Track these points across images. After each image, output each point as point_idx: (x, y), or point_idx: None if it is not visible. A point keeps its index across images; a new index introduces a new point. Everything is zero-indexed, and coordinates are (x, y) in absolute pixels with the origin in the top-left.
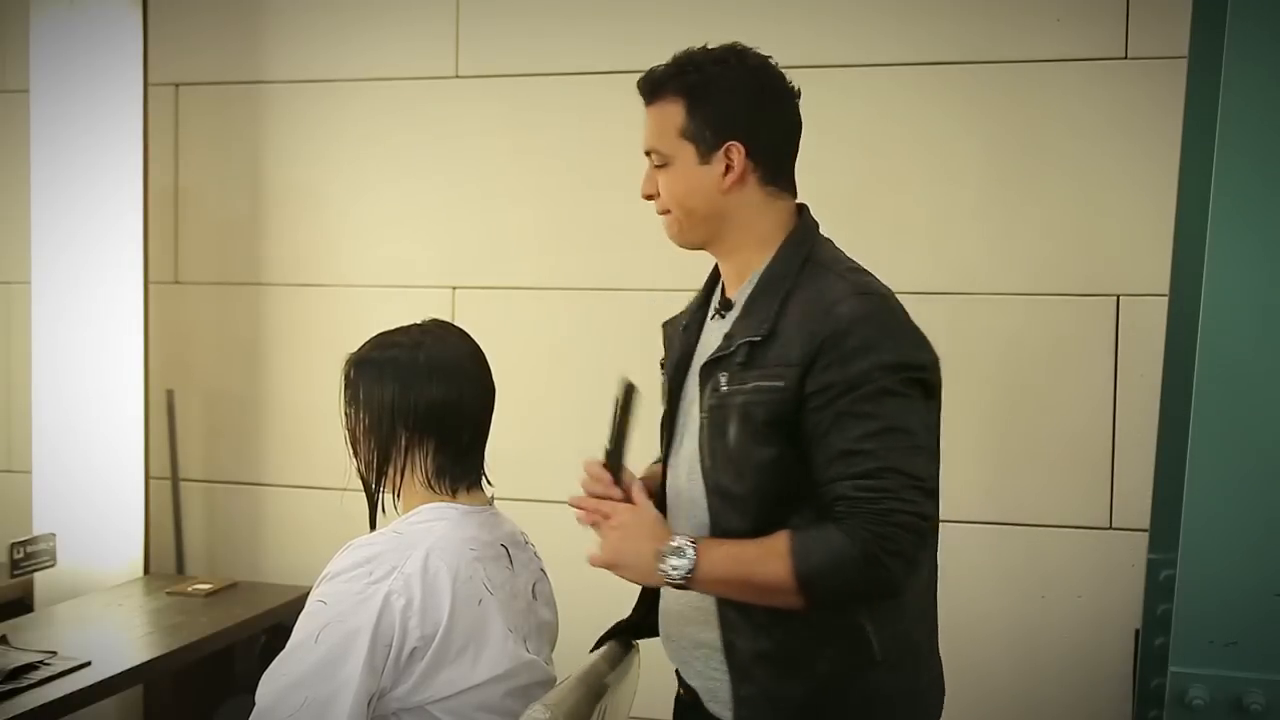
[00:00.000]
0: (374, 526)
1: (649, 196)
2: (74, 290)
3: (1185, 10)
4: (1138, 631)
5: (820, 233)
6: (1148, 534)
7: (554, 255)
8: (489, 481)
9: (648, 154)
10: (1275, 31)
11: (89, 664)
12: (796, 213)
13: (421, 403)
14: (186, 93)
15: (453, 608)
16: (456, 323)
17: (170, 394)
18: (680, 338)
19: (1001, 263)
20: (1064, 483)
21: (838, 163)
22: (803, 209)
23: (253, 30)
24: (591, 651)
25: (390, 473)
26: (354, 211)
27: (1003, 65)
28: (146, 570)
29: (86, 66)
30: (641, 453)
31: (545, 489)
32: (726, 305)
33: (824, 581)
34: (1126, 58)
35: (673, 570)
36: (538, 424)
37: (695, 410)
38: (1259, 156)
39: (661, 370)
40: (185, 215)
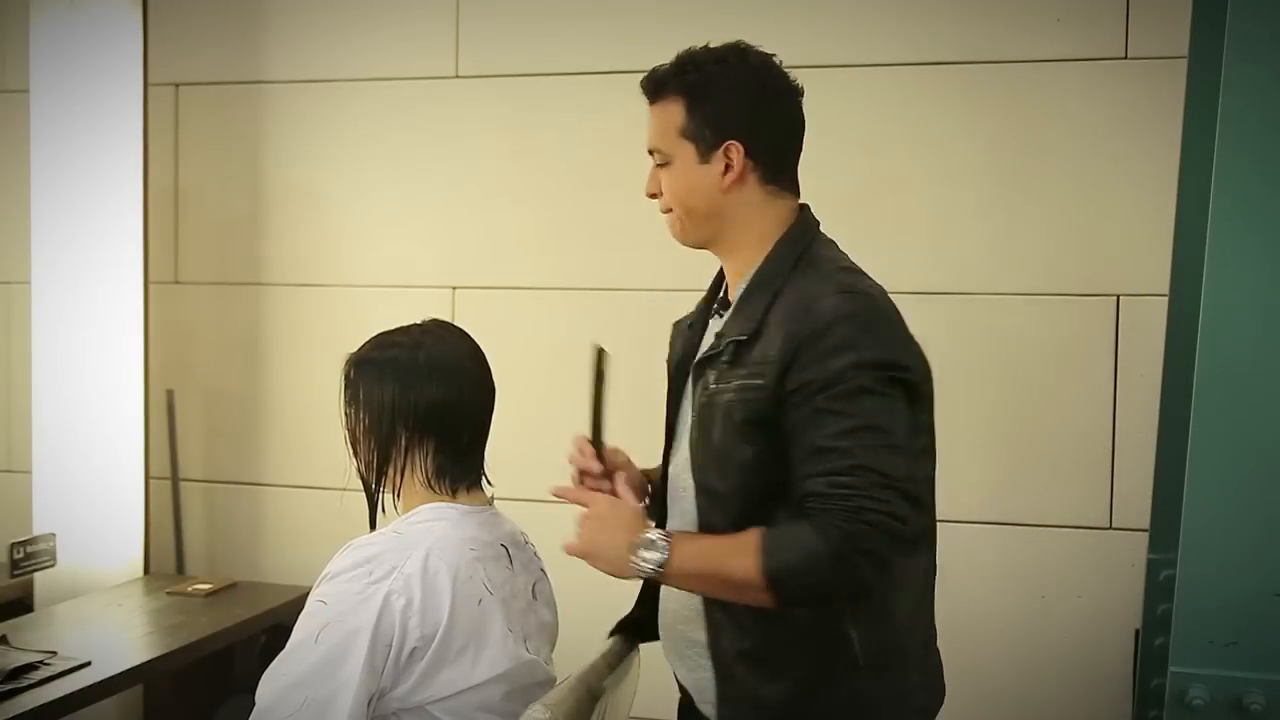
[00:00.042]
0: (374, 526)
1: (652, 195)
2: (74, 290)
3: (1185, 10)
4: (1138, 631)
5: (821, 233)
6: (1148, 534)
7: (554, 255)
8: (489, 481)
9: (651, 153)
10: (1275, 31)
11: (89, 664)
12: (798, 212)
13: (421, 403)
14: (186, 93)
15: (453, 608)
16: (456, 323)
17: (170, 394)
18: (684, 337)
19: (1002, 263)
20: (1064, 483)
21: (838, 163)
22: (804, 209)
23: (253, 30)
24: (609, 636)
25: (390, 473)
26: (354, 211)
27: (1003, 65)
28: (146, 570)
29: (86, 66)
30: (636, 428)
31: (545, 489)
32: (725, 305)
33: (793, 579)
34: (1126, 58)
35: (644, 563)
36: (538, 424)
37: (690, 409)
38: (1259, 156)
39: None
40: (185, 215)
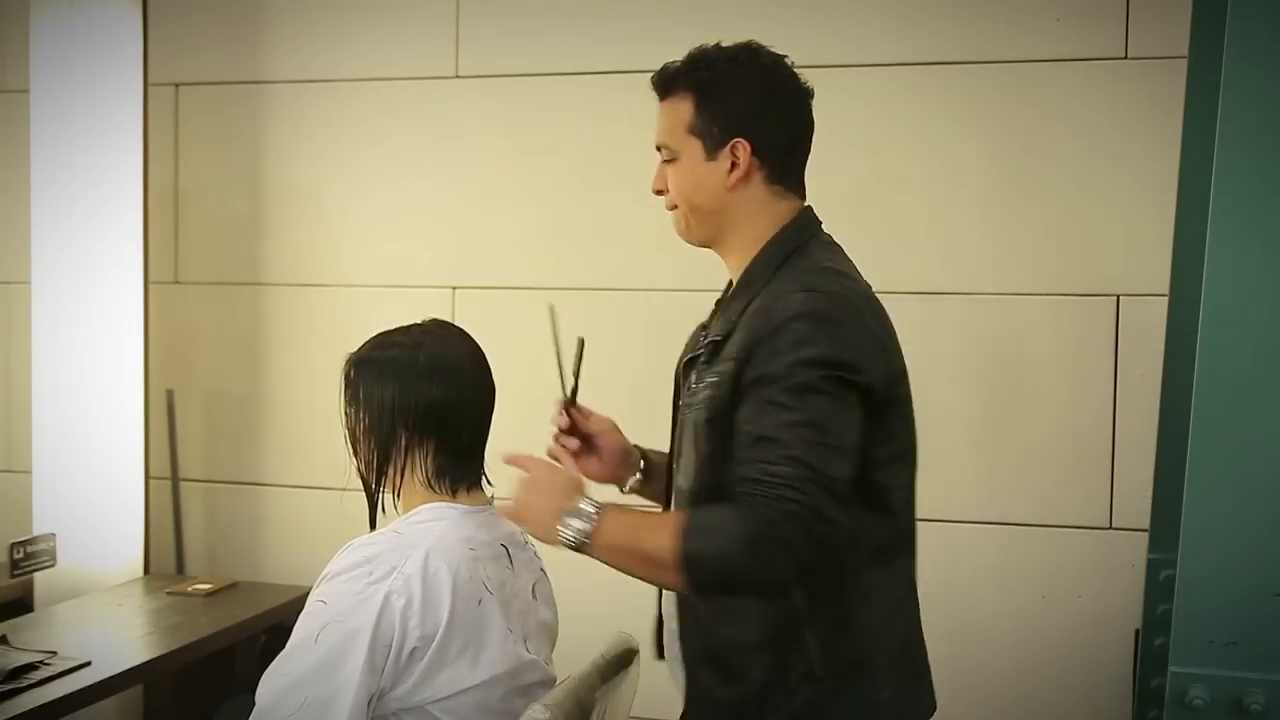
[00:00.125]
0: (374, 526)
1: (658, 192)
2: (74, 290)
3: (1185, 10)
4: (1138, 631)
5: (822, 233)
6: (1148, 534)
7: (554, 255)
8: (489, 481)
9: (658, 149)
10: (1275, 32)
11: (89, 664)
12: (797, 213)
13: (421, 403)
14: (186, 93)
15: (453, 608)
16: (456, 323)
17: (170, 394)
18: (692, 337)
19: (1001, 263)
20: (1064, 483)
21: (838, 163)
22: (805, 210)
23: (253, 30)
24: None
25: (390, 472)
26: (354, 211)
27: (1003, 65)
28: (146, 570)
29: (86, 66)
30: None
31: None
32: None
33: (704, 562)
34: (1126, 58)
35: (570, 532)
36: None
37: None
38: (1259, 156)
39: None
40: (185, 215)
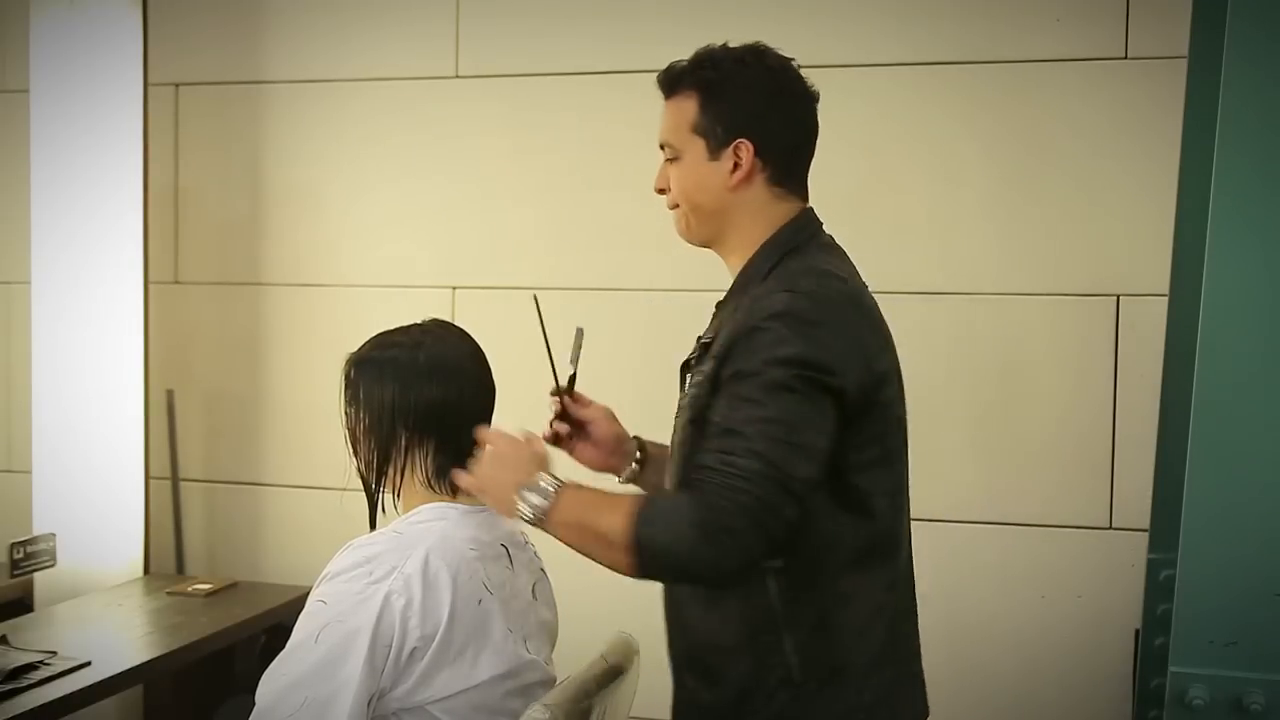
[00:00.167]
0: (374, 526)
1: (660, 190)
2: (74, 290)
3: (1185, 10)
4: (1138, 631)
5: (822, 235)
6: (1148, 534)
7: (554, 255)
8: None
9: (661, 147)
10: (1275, 32)
11: (89, 664)
12: (796, 215)
13: (421, 402)
14: (186, 93)
15: (453, 608)
16: (456, 323)
17: (170, 394)
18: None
19: (1002, 263)
20: (1064, 483)
21: (838, 163)
22: (804, 212)
23: (253, 30)
24: None
25: (390, 472)
26: (354, 211)
27: (1003, 65)
28: (146, 570)
29: (86, 66)
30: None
31: None
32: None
33: (653, 545)
34: (1126, 58)
35: (526, 504)
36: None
37: None
38: (1259, 156)
39: None
40: (185, 215)
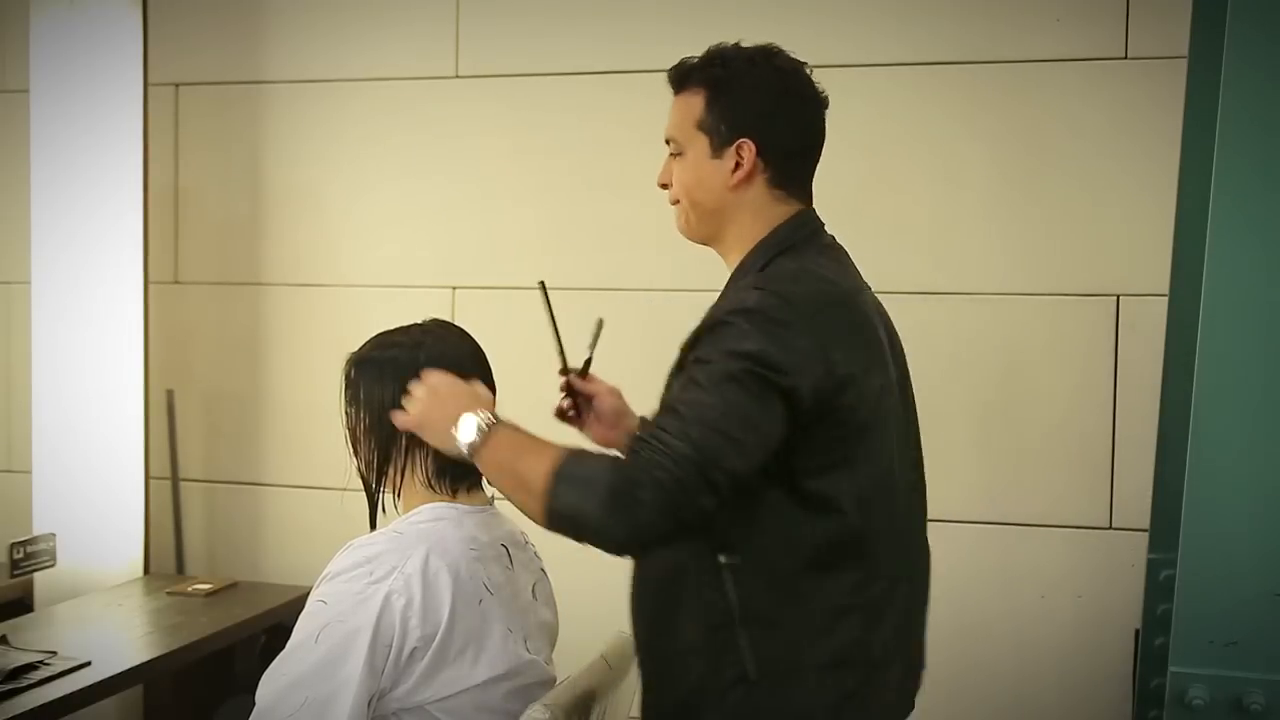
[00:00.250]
0: (374, 526)
1: (664, 186)
2: (74, 290)
3: (1185, 10)
4: (1138, 631)
5: (822, 236)
6: (1148, 534)
7: (554, 255)
8: (489, 481)
9: (667, 142)
10: (1275, 32)
11: (89, 664)
12: (794, 217)
13: None
14: (186, 93)
15: (453, 608)
16: (456, 323)
17: (170, 394)
18: None
19: (1002, 263)
20: (1064, 483)
21: (838, 163)
22: (802, 213)
23: (253, 30)
24: None
25: (390, 472)
26: (354, 211)
27: (1003, 65)
28: (146, 570)
29: (86, 66)
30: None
31: None
32: None
33: (563, 497)
34: (1126, 58)
35: (461, 436)
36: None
37: None
38: (1259, 156)
39: None
40: (185, 215)
